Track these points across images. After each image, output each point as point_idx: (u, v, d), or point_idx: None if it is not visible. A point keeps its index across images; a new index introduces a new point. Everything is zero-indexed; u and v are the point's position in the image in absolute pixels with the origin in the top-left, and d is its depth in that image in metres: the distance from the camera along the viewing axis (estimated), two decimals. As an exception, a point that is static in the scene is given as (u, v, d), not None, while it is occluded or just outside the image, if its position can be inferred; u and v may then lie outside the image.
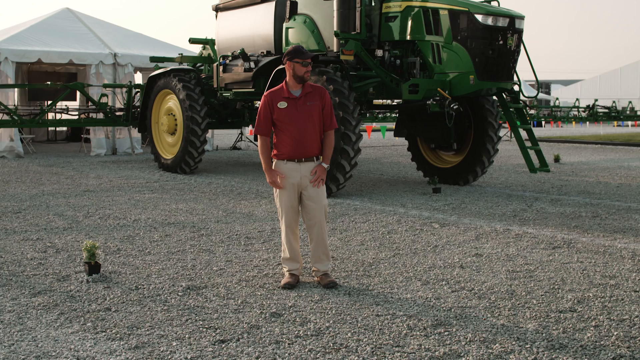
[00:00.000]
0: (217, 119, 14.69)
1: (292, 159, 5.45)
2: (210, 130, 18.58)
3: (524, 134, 12.19)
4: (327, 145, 5.56)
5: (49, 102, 18.28)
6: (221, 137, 24.79)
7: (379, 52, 10.75)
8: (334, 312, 4.79)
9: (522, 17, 10.81)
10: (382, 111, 21.50)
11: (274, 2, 12.12)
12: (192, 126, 12.85)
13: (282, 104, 5.44)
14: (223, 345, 4.14)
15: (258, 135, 5.60)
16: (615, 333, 4.40)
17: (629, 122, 38.57)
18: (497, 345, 4.18)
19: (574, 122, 31.17)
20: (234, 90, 12.84)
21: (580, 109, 30.57)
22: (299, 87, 5.49)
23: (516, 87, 11.40)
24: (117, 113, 16.55)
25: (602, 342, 4.24)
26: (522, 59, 11.65)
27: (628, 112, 32.83)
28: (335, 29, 10.44)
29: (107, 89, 17.10)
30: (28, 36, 17.72)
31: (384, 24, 10.87)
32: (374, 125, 22.34)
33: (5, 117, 15.42)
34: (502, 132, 17.75)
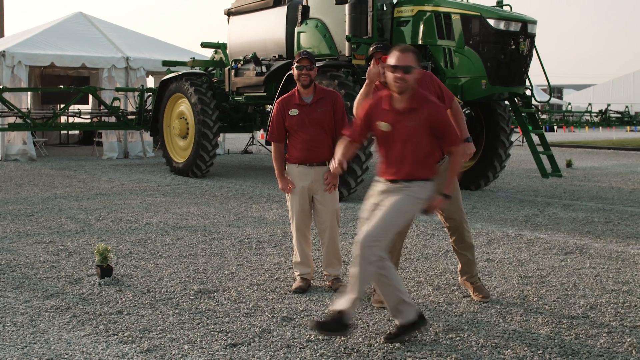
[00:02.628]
0: (229, 123, 14.73)
1: (304, 163, 5.45)
2: (221, 134, 18.63)
3: (536, 138, 12.14)
4: (339, 149, 5.53)
5: (62, 106, 18.38)
6: (233, 141, 24.85)
7: (391, 57, 10.73)
8: (345, 316, 4.78)
9: (534, 22, 10.78)
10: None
11: (285, 7, 12.15)
12: (203, 130, 12.89)
13: (294, 112, 5.42)
14: (234, 349, 4.14)
15: (271, 142, 5.61)
16: (628, 340, 4.37)
17: (642, 127, 38.31)
18: (509, 350, 4.16)
19: (586, 127, 31.05)
20: (245, 94, 12.87)
21: (592, 114, 30.42)
22: (309, 92, 5.44)
23: (528, 92, 11.37)
24: (129, 117, 16.61)
25: (614, 349, 4.21)
26: (534, 63, 11.61)
27: (641, 117, 32.63)
28: (347, 33, 10.44)
29: (120, 92, 17.18)
30: (41, 40, 17.84)
31: (395, 28, 10.87)
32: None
33: (19, 121, 15.51)
34: (514, 137, 17.67)
